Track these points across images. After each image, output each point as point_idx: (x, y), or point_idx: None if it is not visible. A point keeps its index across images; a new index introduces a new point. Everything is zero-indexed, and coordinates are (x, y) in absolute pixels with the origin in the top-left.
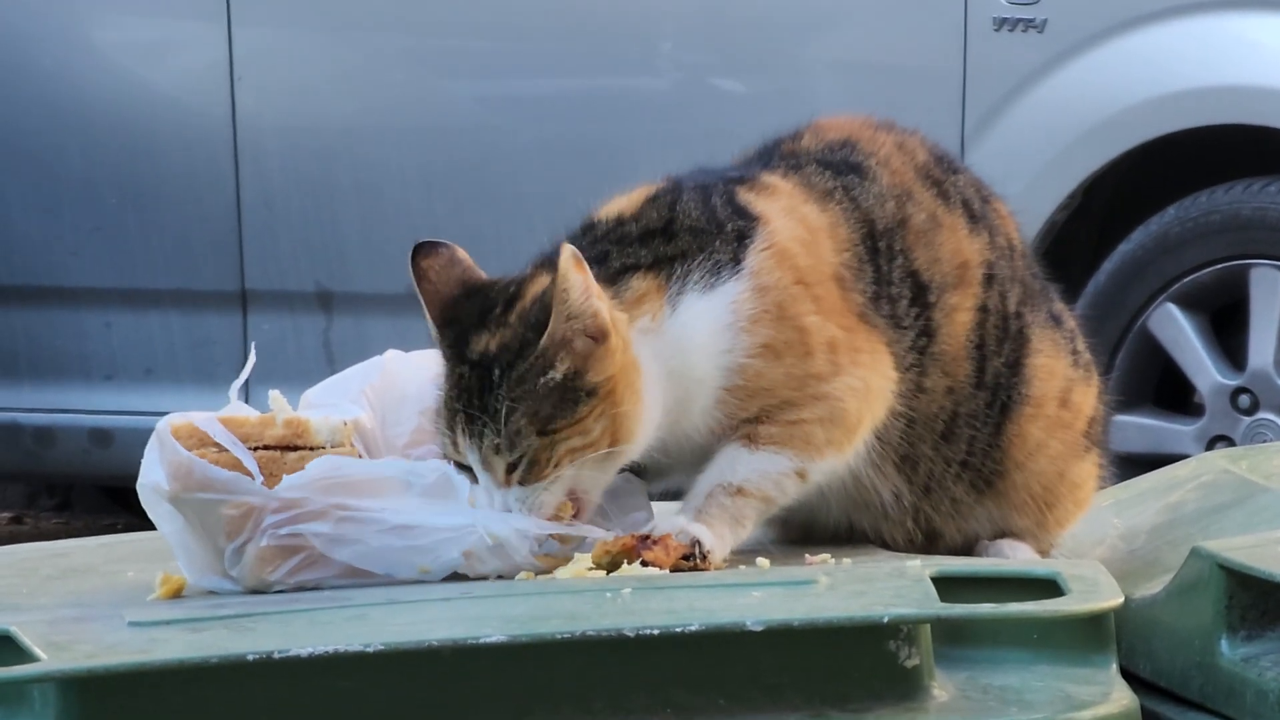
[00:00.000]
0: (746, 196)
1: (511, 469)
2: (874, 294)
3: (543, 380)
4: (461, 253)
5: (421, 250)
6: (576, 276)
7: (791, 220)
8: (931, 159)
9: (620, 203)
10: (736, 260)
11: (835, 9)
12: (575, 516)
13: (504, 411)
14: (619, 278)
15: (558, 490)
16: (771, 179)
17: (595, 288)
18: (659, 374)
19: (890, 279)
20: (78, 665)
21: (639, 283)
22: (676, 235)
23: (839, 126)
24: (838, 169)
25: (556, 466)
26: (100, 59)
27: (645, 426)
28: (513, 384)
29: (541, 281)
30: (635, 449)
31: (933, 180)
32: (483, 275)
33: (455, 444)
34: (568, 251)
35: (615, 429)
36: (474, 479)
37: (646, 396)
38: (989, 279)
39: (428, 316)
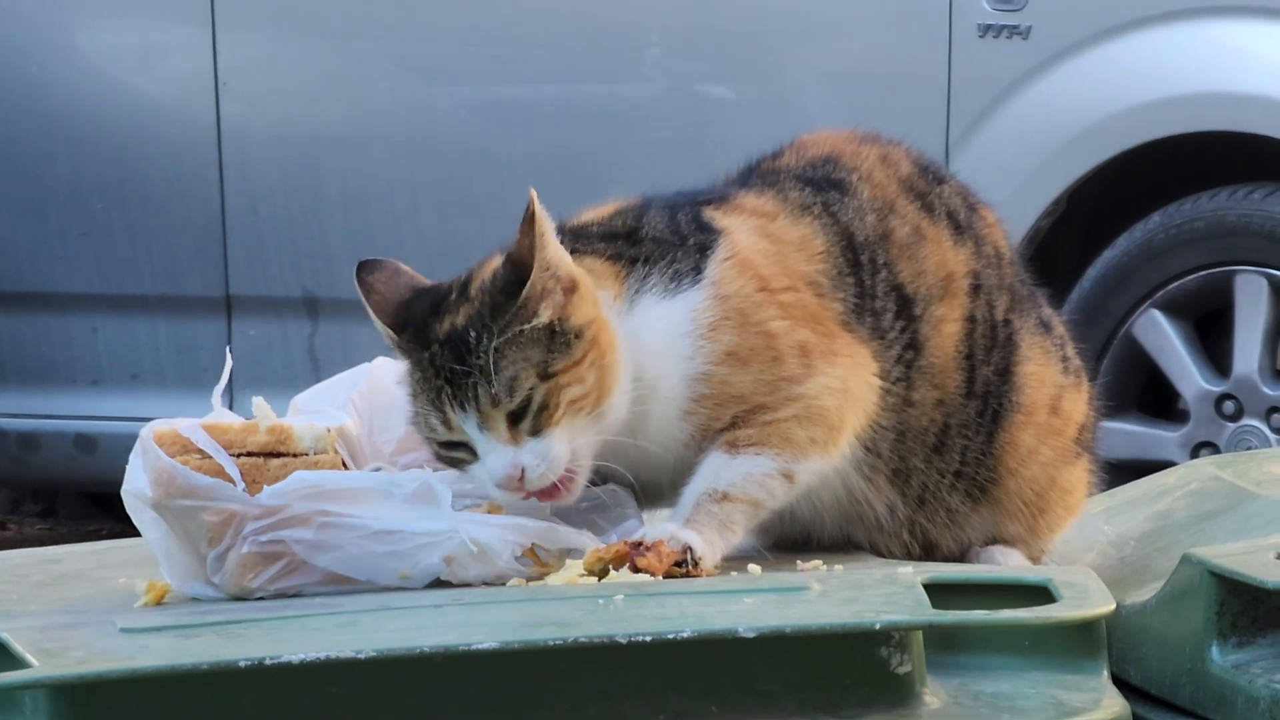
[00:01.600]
0: (712, 214)
1: (515, 420)
2: (856, 306)
3: (529, 326)
4: (404, 266)
5: (365, 267)
6: (549, 222)
7: (756, 234)
8: (916, 171)
9: (590, 213)
10: (697, 270)
11: (822, 17)
12: (567, 488)
13: (493, 359)
14: (580, 259)
15: (566, 442)
16: (742, 198)
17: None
18: (624, 351)
19: (874, 292)
20: (69, 671)
21: (593, 262)
22: (640, 241)
23: (821, 143)
24: (818, 186)
25: (563, 414)
26: (86, 65)
27: (623, 388)
28: (496, 334)
29: (494, 261)
30: (616, 412)
31: (917, 193)
32: (425, 282)
33: (446, 421)
34: (534, 196)
35: (603, 380)
36: (470, 457)
37: (620, 360)
38: (975, 289)
39: (380, 325)
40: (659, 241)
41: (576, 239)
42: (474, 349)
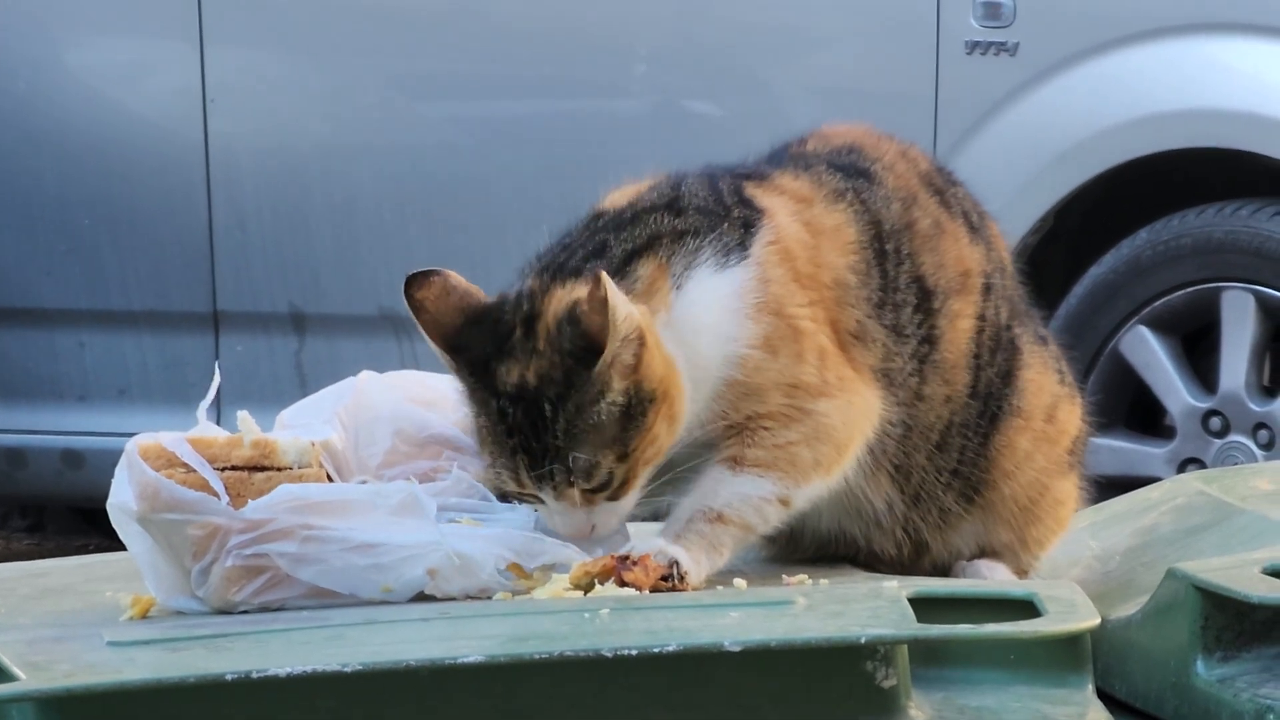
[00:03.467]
0: (753, 190)
1: (594, 491)
2: (879, 300)
3: (603, 405)
4: (454, 279)
5: (414, 282)
6: (618, 299)
7: (796, 222)
8: (933, 169)
9: (627, 193)
10: (743, 246)
11: (809, 33)
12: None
13: (571, 448)
14: (624, 268)
15: (638, 492)
16: (781, 178)
17: (623, 296)
18: (679, 357)
19: (897, 284)
20: (56, 685)
21: (644, 270)
22: (684, 212)
23: (843, 133)
24: (847, 172)
25: (640, 477)
26: (73, 81)
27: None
28: (571, 417)
29: (559, 296)
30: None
31: (935, 188)
32: (480, 297)
33: (518, 480)
34: (605, 279)
35: (673, 426)
36: (541, 504)
37: (685, 381)
38: (988, 288)
39: (433, 346)
40: (704, 212)
41: (619, 232)
42: (550, 424)
